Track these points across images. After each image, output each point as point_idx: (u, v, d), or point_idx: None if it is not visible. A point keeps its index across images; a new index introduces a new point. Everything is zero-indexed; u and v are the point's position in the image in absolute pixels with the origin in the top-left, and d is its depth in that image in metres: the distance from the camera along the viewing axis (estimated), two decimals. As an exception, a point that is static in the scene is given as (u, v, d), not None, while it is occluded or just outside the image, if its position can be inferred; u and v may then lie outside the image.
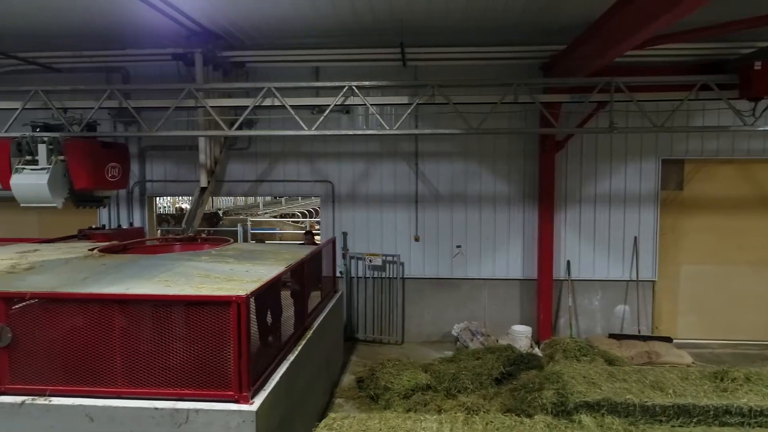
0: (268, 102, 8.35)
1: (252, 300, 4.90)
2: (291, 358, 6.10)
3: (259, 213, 27.14)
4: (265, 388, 5.18)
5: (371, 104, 8.00)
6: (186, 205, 28.93)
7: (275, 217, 25.29)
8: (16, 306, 4.95)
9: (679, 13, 5.06)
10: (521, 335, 9.97)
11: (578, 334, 10.74)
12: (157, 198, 14.31)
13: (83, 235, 9.91)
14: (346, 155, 11.09)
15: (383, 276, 11.13)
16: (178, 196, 19.81)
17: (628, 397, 5.91)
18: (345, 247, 11.12)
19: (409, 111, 7.94)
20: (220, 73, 10.20)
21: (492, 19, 8.68)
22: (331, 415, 5.59)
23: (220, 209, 22.77)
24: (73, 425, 4.85)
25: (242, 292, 4.79)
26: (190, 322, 4.87)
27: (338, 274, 10.40)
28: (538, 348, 10.19)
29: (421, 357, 9.97)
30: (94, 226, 11.04)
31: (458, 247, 11.03)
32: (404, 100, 8.60)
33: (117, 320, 4.89)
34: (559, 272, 10.86)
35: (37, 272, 5.77)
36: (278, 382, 5.41)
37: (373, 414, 5.64)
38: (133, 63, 10.68)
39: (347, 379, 9.03)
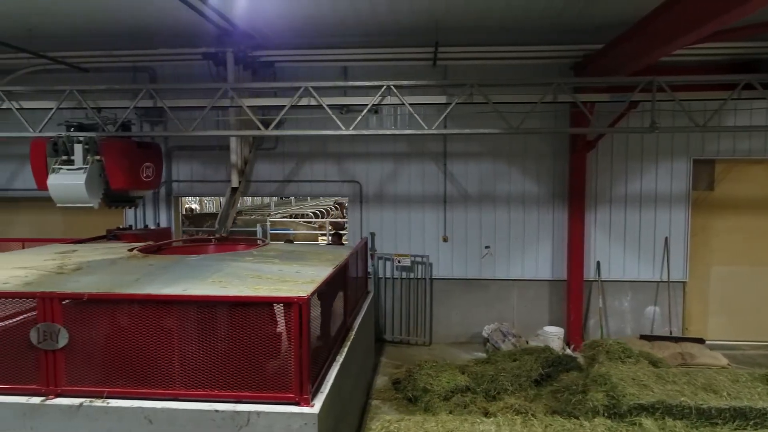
0: (304, 101, 8.28)
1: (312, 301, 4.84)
2: (340, 359, 6.05)
3: (270, 213, 27.15)
4: (322, 390, 5.13)
5: (409, 104, 7.94)
6: (195, 206, 28.97)
7: (285, 217, 25.28)
8: (73, 307, 4.90)
9: (742, 13, 5.00)
10: (553, 336, 9.91)
11: (608, 335, 10.67)
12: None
13: (113, 236, 9.87)
14: (374, 155, 11.03)
15: (411, 277, 11.07)
16: (205, 197, 19.81)
17: (682, 399, 5.85)
18: (373, 248, 11.06)
19: (448, 111, 7.88)
20: (249, 72, 10.16)
21: (528, 19, 8.63)
22: (386, 417, 5.54)
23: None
24: (132, 427, 4.79)
25: (302, 293, 4.73)
26: (251, 323, 4.81)
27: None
28: (570, 349, 10.14)
29: (450, 358, 9.90)
30: (121, 227, 11.03)
31: (487, 247, 10.97)
32: (436, 99, 8.55)
33: (176, 321, 4.83)
34: (589, 273, 10.79)
35: (86, 273, 5.72)
36: (333, 384, 5.35)
37: (429, 417, 5.59)
38: (160, 62, 10.64)
39: (381, 381, 8.97)
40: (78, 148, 7.96)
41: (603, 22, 8.60)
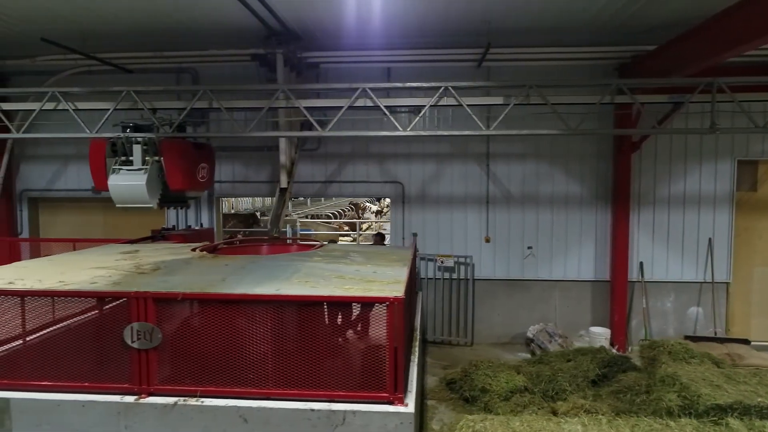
0: (360, 102, 8.30)
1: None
2: (415, 359, 6.09)
3: (289, 214, 27.17)
4: (409, 389, 5.15)
5: (467, 105, 7.95)
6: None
7: (302, 218, 25.38)
8: (168, 307, 4.94)
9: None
10: (600, 337, 9.92)
11: (651, 336, 10.67)
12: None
13: (161, 236, 9.93)
14: (417, 156, 11.06)
15: (453, 277, 11.09)
16: (247, 197, 20.00)
17: (759, 399, 5.85)
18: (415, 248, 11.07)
19: (506, 111, 7.88)
20: (294, 74, 10.19)
21: (581, 21, 8.63)
22: (468, 417, 5.55)
23: (257, 210, 22.79)
24: (227, 426, 4.83)
25: (396, 293, 4.77)
26: (345, 322, 4.85)
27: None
28: (614, 349, 10.15)
29: (494, 359, 9.89)
30: (165, 227, 11.09)
31: (529, 248, 10.98)
32: (487, 100, 8.54)
33: (270, 321, 4.87)
34: (632, 274, 10.79)
35: (168, 273, 5.76)
36: (415, 384, 5.39)
37: (512, 417, 5.60)
38: (205, 64, 10.69)
39: (431, 381, 8.99)
40: (137, 149, 7.97)
41: (656, 23, 8.59)
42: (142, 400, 4.92)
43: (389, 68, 10.79)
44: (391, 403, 4.79)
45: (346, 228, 24.26)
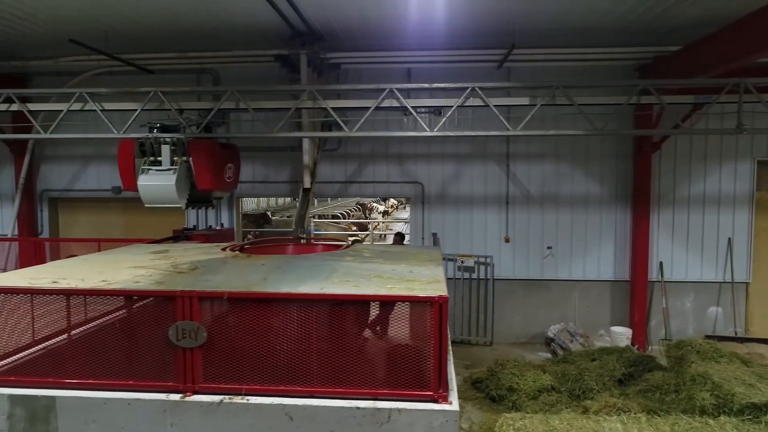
0: (386, 103, 8.35)
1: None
2: (450, 357, 6.12)
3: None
4: (450, 387, 5.18)
5: (494, 105, 8.00)
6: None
7: (310, 218, 25.38)
8: (212, 305, 4.98)
9: None
10: (622, 337, 9.96)
11: (671, 336, 10.71)
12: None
13: (184, 236, 9.96)
14: (436, 156, 11.11)
15: (473, 277, 11.12)
16: (267, 198, 20.09)
17: (794, 398, 5.89)
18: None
19: (533, 112, 7.93)
20: (315, 74, 10.23)
21: (605, 21, 8.66)
22: (507, 415, 5.59)
23: (268, 210, 22.85)
24: (272, 424, 4.86)
25: (440, 292, 4.80)
26: (389, 321, 4.89)
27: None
28: (634, 349, 10.18)
29: (516, 358, 9.94)
30: (185, 227, 11.13)
31: (549, 248, 11.02)
32: (513, 101, 8.59)
33: (315, 320, 4.90)
34: (651, 274, 10.82)
35: (207, 272, 5.80)
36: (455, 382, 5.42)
37: (551, 416, 5.64)
38: (224, 65, 10.74)
39: (455, 380, 9.01)
40: (165, 149, 8.04)
41: (679, 23, 8.61)
42: (187, 398, 4.96)
43: (409, 69, 10.85)
44: (435, 401, 4.82)
45: (354, 228, 24.33)
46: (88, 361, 5.17)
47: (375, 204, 31.74)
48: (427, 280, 5.48)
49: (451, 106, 8.09)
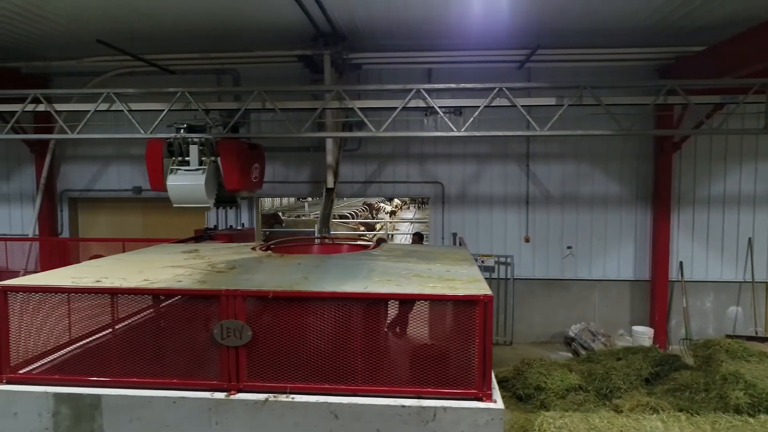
0: (413, 103, 8.38)
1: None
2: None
3: (304, 214, 27.31)
4: (493, 386, 5.21)
5: (521, 105, 8.03)
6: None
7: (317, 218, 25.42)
8: (258, 304, 5.02)
9: None
10: (644, 336, 9.99)
11: (691, 336, 10.73)
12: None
13: (208, 236, 10.00)
14: (457, 156, 11.14)
15: (492, 277, 11.14)
16: (287, 198, 20.29)
17: (829, 397, 5.92)
18: (454, 248, 11.15)
19: (560, 112, 7.96)
20: (337, 75, 10.26)
21: (631, 22, 8.68)
22: (546, 413, 5.62)
23: (279, 211, 22.89)
24: (318, 422, 4.89)
25: (485, 291, 4.84)
26: (434, 320, 4.92)
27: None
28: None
29: (537, 357, 9.97)
30: (207, 227, 11.18)
31: (569, 248, 11.05)
32: (542, 101, 8.61)
33: (359, 318, 4.94)
34: (671, 273, 10.85)
35: (246, 272, 5.84)
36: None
37: (591, 414, 5.67)
38: (244, 65, 10.78)
39: (479, 380, 9.03)
40: (194, 149, 8.05)
41: (704, 24, 8.62)
42: (232, 397, 4.99)
43: (430, 69, 10.88)
44: (480, 399, 4.85)
45: (362, 228, 24.35)
46: (132, 359, 5.21)
47: (382, 204, 31.79)
48: (467, 280, 5.51)
49: (478, 107, 8.11)
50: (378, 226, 26.00)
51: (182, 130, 8.37)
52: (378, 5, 8.19)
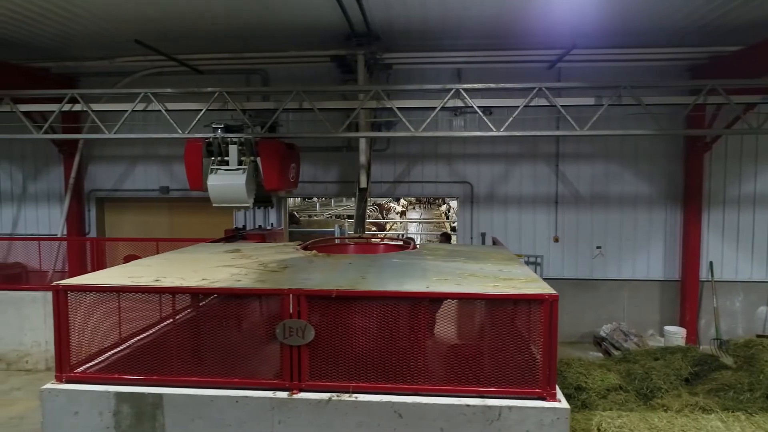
0: (450, 103, 8.39)
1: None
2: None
3: (315, 214, 27.38)
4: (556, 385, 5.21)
5: (560, 105, 8.04)
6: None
7: (328, 217, 25.56)
8: (321, 303, 5.02)
9: None
10: (677, 336, 9.98)
11: (721, 336, 10.72)
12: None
13: (240, 236, 10.01)
14: (485, 156, 11.14)
15: (521, 277, 11.13)
16: (314, 197, 20.38)
17: None
18: (483, 248, 11.15)
19: (599, 112, 7.97)
20: (369, 74, 10.27)
21: (668, 22, 8.67)
22: (603, 413, 5.62)
23: (294, 211, 22.91)
24: (381, 421, 4.89)
25: (549, 291, 4.85)
26: (497, 319, 4.93)
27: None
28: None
29: (566, 357, 9.96)
30: (236, 227, 11.20)
31: (598, 248, 11.05)
32: (581, 101, 8.58)
33: (423, 317, 4.94)
34: (701, 273, 10.84)
35: (300, 271, 5.85)
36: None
37: (649, 413, 5.67)
38: (274, 65, 10.80)
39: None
40: (233, 149, 8.09)
41: (741, 23, 8.59)
42: (294, 396, 5.00)
43: (459, 69, 10.88)
44: (544, 398, 4.86)
45: (374, 228, 24.38)
46: (193, 358, 5.22)
47: (392, 204, 31.82)
48: (525, 279, 5.51)
49: (515, 106, 8.13)
50: (388, 226, 26.03)
51: (220, 130, 8.41)
52: (415, 5, 8.18)
